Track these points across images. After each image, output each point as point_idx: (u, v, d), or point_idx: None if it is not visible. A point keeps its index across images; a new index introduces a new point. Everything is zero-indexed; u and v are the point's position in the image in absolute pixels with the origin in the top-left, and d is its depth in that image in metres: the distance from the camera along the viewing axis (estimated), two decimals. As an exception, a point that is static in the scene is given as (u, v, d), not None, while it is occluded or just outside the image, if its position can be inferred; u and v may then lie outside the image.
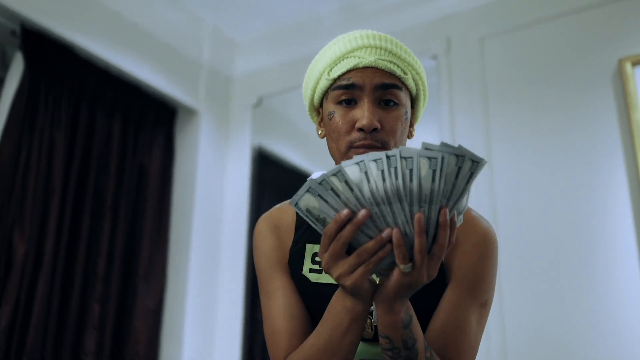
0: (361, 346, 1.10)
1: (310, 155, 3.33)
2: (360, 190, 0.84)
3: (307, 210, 0.87)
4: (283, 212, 1.24)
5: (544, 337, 2.25)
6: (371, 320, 1.08)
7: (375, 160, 0.83)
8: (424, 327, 1.07)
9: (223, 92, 3.31)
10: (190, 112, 3.15)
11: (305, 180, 0.86)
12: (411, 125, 1.22)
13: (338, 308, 0.97)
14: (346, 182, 0.84)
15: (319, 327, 1.01)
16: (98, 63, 2.74)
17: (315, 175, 0.94)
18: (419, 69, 1.19)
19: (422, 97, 1.22)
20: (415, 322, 0.98)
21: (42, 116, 2.51)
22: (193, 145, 3.10)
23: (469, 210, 1.18)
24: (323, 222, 0.88)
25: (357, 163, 0.83)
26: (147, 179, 2.95)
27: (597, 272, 2.22)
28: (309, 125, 1.29)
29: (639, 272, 2.13)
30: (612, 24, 2.40)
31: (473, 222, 1.17)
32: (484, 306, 1.13)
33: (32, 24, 2.47)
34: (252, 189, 3.12)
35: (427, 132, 2.98)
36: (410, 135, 1.22)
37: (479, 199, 2.47)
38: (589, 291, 2.21)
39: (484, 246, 1.15)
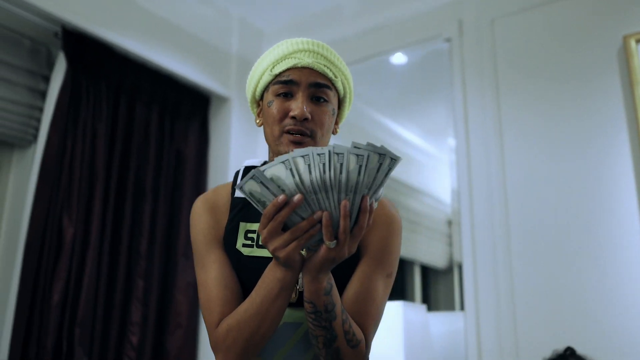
0: (286, 311, 1.21)
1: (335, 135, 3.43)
2: (300, 179, 0.98)
3: (251, 194, 1.01)
4: (218, 195, 1.35)
5: (551, 297, 2.32)
6: (297, 287, 1.21)
7: (319, 155, 0.97)
8: (341, 293, 1.21)
9: (253, 79, 3.45)
10: (222, 100, 3.29)
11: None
12: (336, 123, 1.35)
13: (270, 277, 1.11)
14: (291, 170, 0.98)
15: (252, 294, 1.14)
16: (134, 59, 2.90)
17: (249, 162, 1.24)
18: (348, 75, 1.32)
19: (348, 100, 1.35)
20: (335, 289, 1.13)
21: (84, 110, 2.69)
22: (225, 131, 3.25)
23: None
24: (263, 205, 1.02)
25: (303, 156, 0.97)
26: (184, 164, 3.11)
27: (601, 237, 2.28)
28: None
29: (639, 237, 2.19)
30: (617, 2, 2.42)
31: (382, 206, 1.30)
32: (389, 277, 1.27)
33: (72, 26, 2.64)
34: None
35: (441, 114, 3.06)
36: (335, 132, 1.35)
37: (490, 173, 2.54)
38: (594, 254, 2.28)
39: (390, 227, 1.29)
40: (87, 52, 2.71)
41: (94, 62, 2.75)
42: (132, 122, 2.91)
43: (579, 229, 2.33)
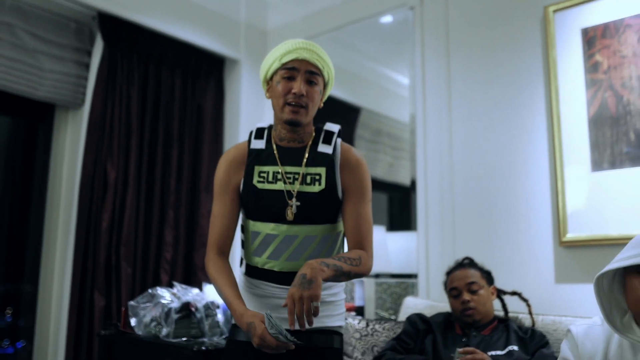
0: (286, 227, 1.70)
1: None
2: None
3: (270, 316, 1.47)
4: (239, 150, 1.83)
5: (480, 223, 2.78)
6: (292, 208, 1.69)
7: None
8: (328, 212, 1.72)
9: (259, 43, 3.88)
10: (234, 62, 3.76)
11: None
12: (321, 100, 1.79)
13: (236, 310, 1.61)
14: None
15: (225, 289, 1.67)
16: (159, 33, 3.36)
17: (259, 125, 1.84)
18: (331, 67, 1.77)
19: (329, 84, 1.80)
20: (332, 265, 1.54)
21: (120, 77, 3.21)
22: (237, 88, 3.73)
23: (343, 143, 1.78)
24: (276, 328, 1.46)
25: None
26: (204, 116, 3.63)
27: (520, 175, 2.69)
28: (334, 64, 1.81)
29: (547, 172, 2.60)
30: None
31: (349, 154, 1.78)
32: (369, 201, 1.77)
33: (106, 12, 3.12)
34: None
35: (404, 70, 3.45)
36: (320, 106, 1.80)
37: (442, 119, 2.96)
38: (514, 184, 2.70)
39: (358, 167, 1.77)
40: (119, 31, 3.21)
41: (126, 38, 3.25)
42: (160, 85, 3.43)
43: (505, 168, 2.74)
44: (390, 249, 3.04)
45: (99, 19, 3.14)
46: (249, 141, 1.82)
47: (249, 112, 3.73)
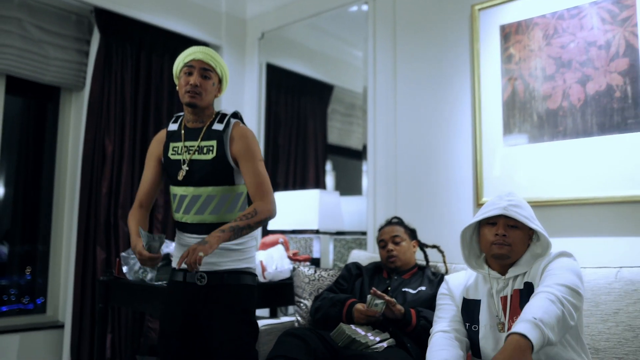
0: (182, 188, 2.11)
1: (300, 65, 4.25)
2: None
3: (141, 231, 1.99)
4: (162, 132, 2.26)
5: (416, 186, 3.17)
6: (182, 169, 2.10)
7: None
8: (223, 181, 2.10)
9: (239, 31, 4.22)
10: (216, 48, 4.10)
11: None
12: (220, 91, 2.21)
13: (132, 242, 2.03)
14: None
15: (130, 227, 2.10)
16: (150, 24, 3.70)
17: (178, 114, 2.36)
18: (224, 67, 2.17)
19: (224, 80, 2.20)
20: (228, 229, 1.89)
21: (115, 64, 3.58)
22: (219, 71, 4.09)
23: (237, 122, 2.19)
24: (147, 241, 1.97)
25: None
26: (190, 96, 3.99)
27: (449, 145, 3.07)
28: (302, 46, 2.20)
29: (470, 146, 2.98)
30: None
31: (236, 128, 2.16)
32: (261, 160, 2.14)
33: (101, 7, 3.47)
34: (259, 92, 4.13)
35: (358, 55, 3.80)
36: (217, 95, 2.20)
37: (387, 96, 3.32)
38: (444, 155, 3.08)
39: (244, 137, 2.14)
40: (113, 24, 3.55)
41: (120, 30, 3.60)
42: (150, 69, 3.79)
43: (437, 141, 3.11)
44: (345, 210, 3.45)
45: (95, 13, 3.48)
46: (167, 125, 2.26)
47: (228, 92, 4.10)
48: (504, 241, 1.74)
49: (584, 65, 2.63)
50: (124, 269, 2.70)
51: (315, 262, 3.19)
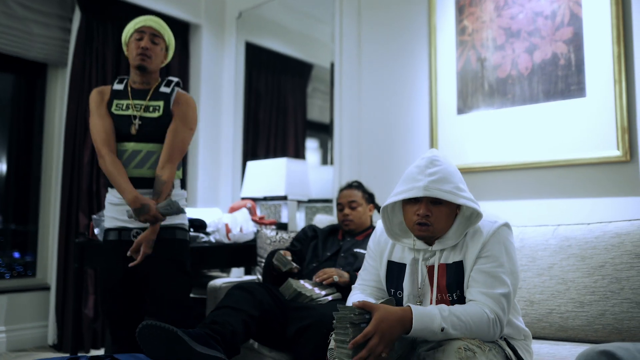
0: (132, 144, 2.08)
1: (279, 44, 4.18)
2: None
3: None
4: (105, 88, 2.20)
5: (378, 154, 3.12)
6: (135, 124, 2.07)
7: None
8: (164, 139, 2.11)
9: (218, 10, 4.14)
10: (196, 27, 4.04)
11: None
12: (165, 59, 2.20)
13: (130, 197, 2.01)
14: None
15: (122, 183, 2.03)
16: (131, 3, 3.65)
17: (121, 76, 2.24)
18: (170, 35, 2.17)
19: (171, 47, 2.19)
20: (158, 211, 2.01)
21: (96, 41, 3.52)
22: (199, 49, 4.02)
23: (180, 90, 2.20)
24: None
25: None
26: (171, 72, 3.93)
27: (408, 114, 3.02)
28: (278, 24, 2.16)
29: (427, 114, 2.92)
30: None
31: (181, 94, 2.18)
32: (191, 130, 2.15)
33: (81, -14, 3.42)
34: (236, 69, 4.06)
35: (326, 31, 3.72)
36: (163, 62, 2.21)
37: (352, 70, 3.26)
38: (403, 124, 3.03)
39: (186, 104, 2.18)
40: (94, 2, 3.50)
41: (101, 8, 3.54)
42: (132, 46, 3.73)
43: (397, 110, 3.06)
44: (317, 178, 3.42)
45: (76, -8, 3.43)
46: (112, 85, 2.21)
47: (208, 68, 4.04)
48: (426, 221, 1.46)
49: (532, 34, 2.56)
50: (96, 230, 2.67)
51: (283, 227, 3.16)
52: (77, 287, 2.78)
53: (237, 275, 3.59)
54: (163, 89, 2.15)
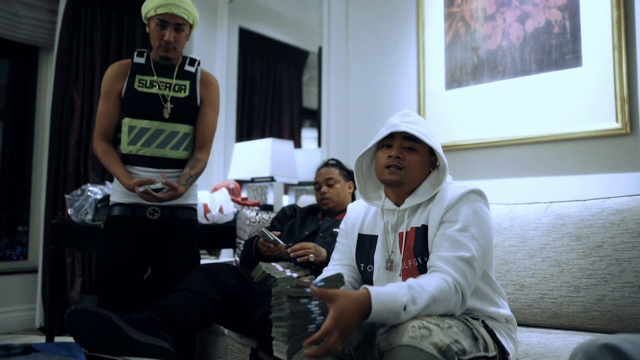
0: (157, 123, 1.83)
1: (274, 30, 3.87)
2: None
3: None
4: (121, 64, 1.93)
5: (361, 134, 2.81)
6: (166, 107, 1.84)
7: None
8: (189, 120, 1.89)
9: (210, -6, 3.86)
10: (188, 10, 3.74)
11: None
12: (188, 35, 1.91)
13: (124, 181, 1.77)
14: None
15: (113, 167, 1.82)
16: (119, -15, 3.38)
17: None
18: (195, 14, 1.87)
19: (195, 25, 1.91)
20: (184, 179, 1.82)
21: (83, 23, 3.23)
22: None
23: (203, 69, 1.93)
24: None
25: None
26: (163, 56, 3.65)
27: (395, 90, 2.70)
28: (270, 9, 1.91)
29: (415, 90, 2.60)
30: None
31: (206, 74, 1.92)
32: (217, 112, 1.95)
33: (67, -34, 3.13)
34: (228, 54, 3.76)
35: (314, 21, 3.40)
36: (187, 39, 1.92)
37: (340, 52, 2.95)
38: (390, 100, 2.71)
39: (213, 87, 1.93)
40: (81, -17, 3.22)
41: (88, -11, 3.26)
42: (122, 30, 3.44)
43: (384, 88, 2.74)
44: (307, 161, 3.12)
45: (63, -27, 3.14)
46: (132, 58, 1.92)
47: (200, 47, 3.74)
48: (397, 163, 1.29)
49: (524, 2, 2.22)
50: (69, 211, 2.40)
51: (269, 209, 2.86)
52: (56, 268, 2.51)
53: (227, 257, 3.31)
54: (188, 68, 1.92)
